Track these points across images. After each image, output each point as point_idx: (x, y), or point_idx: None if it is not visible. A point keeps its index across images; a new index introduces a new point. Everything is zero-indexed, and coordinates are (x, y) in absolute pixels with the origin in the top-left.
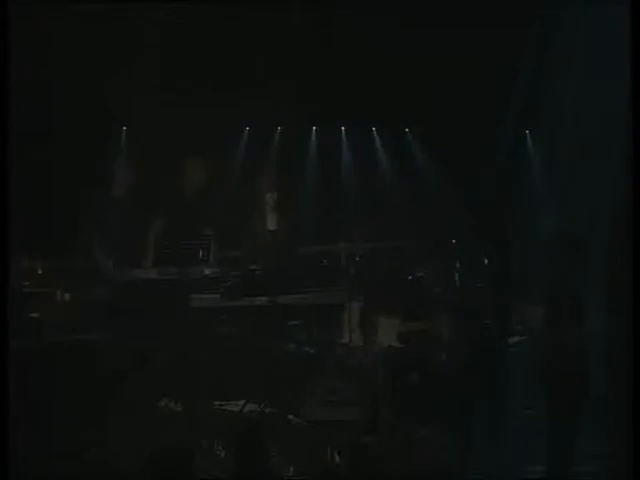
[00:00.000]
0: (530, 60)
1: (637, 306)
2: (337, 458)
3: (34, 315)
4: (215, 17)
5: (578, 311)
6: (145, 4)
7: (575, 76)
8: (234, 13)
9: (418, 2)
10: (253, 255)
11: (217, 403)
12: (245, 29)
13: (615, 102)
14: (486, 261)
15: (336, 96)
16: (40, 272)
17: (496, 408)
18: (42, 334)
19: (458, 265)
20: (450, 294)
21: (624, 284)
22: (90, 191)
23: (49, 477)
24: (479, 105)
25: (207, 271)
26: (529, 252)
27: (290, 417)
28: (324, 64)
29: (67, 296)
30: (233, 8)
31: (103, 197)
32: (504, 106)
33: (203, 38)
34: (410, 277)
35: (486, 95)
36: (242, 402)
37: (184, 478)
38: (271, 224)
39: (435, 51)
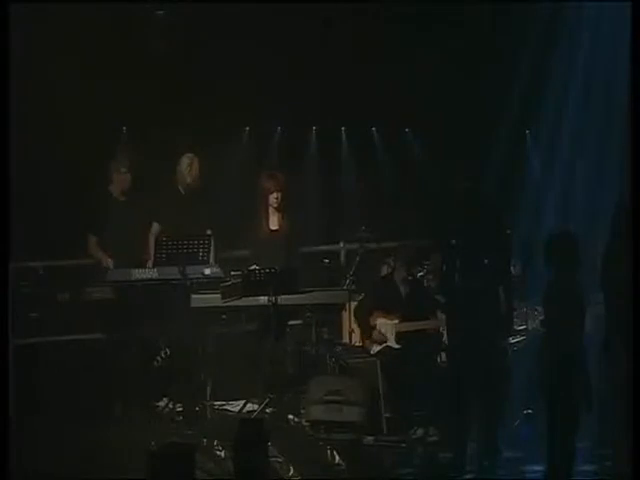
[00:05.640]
0: (529, 59)
1: (637, 306)
2: (337, 458)
3: (34, 315)
4: (214, 17)
5: (577, 311)
6: (144, 4)
7: (576, 75)
8: (234, 13)
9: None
10: (253, 255)
11: (217, 403)
12: (247, 28)
13: (615, 101)
14: (486, 261)
15: (336, 96)
16: (40, 272)
17: (495, 408)
18: (41, 334)
19: (458, 265)
20: (449, 294)
21: (624, 284)
22: (90, 191)
23: (49, 476)
24: (478, 105)
25: (207, 271)
26: (529, 252)
27: (290, 417)
28: (324, 64)
29: (67, 296)
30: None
31: (103, 197)
32: (503, 105)
33: (202, 38)
34: (410, 277)
35: (485, 95)
36: (242, 402)
37: (183, 478)
38: (272, 224)
39: (436, 51)
